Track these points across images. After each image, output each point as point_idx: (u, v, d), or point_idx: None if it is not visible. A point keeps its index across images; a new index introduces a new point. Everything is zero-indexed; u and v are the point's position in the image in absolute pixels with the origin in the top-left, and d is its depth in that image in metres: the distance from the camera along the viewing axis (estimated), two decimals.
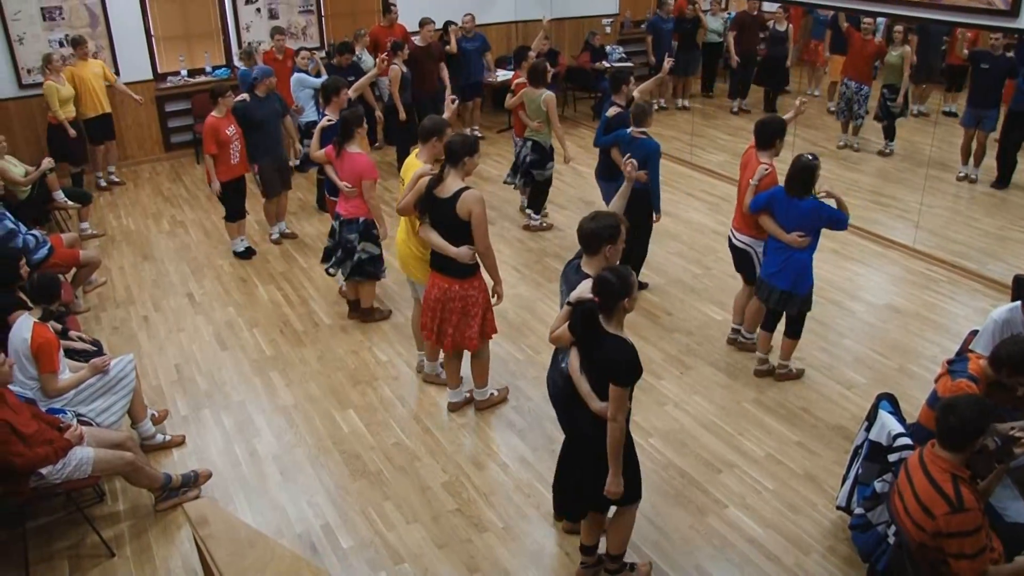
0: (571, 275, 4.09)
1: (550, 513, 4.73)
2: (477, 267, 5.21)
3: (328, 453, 5.30)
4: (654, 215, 6.79)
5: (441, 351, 5.76)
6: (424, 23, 10.06)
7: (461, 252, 5.06)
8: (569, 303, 3.84)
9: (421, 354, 6.05)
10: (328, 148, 6.47)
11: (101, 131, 9.56)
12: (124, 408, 4.99)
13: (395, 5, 10.88)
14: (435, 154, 5.48)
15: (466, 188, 5.01)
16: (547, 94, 7.95)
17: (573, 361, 3.83)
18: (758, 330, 6.06)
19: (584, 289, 3.81)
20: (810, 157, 5.42)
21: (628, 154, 6.53)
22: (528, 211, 8.65)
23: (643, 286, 7.13)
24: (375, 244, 6.47)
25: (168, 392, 5.97)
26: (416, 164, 5.43)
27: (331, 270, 6.65)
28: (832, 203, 5.48)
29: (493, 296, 5.36)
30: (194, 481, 4.90)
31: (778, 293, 5.63)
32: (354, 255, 6.42)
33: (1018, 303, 4.52)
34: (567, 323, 3.83)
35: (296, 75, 8.98)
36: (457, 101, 6.40)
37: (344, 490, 4.98)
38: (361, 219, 6.37)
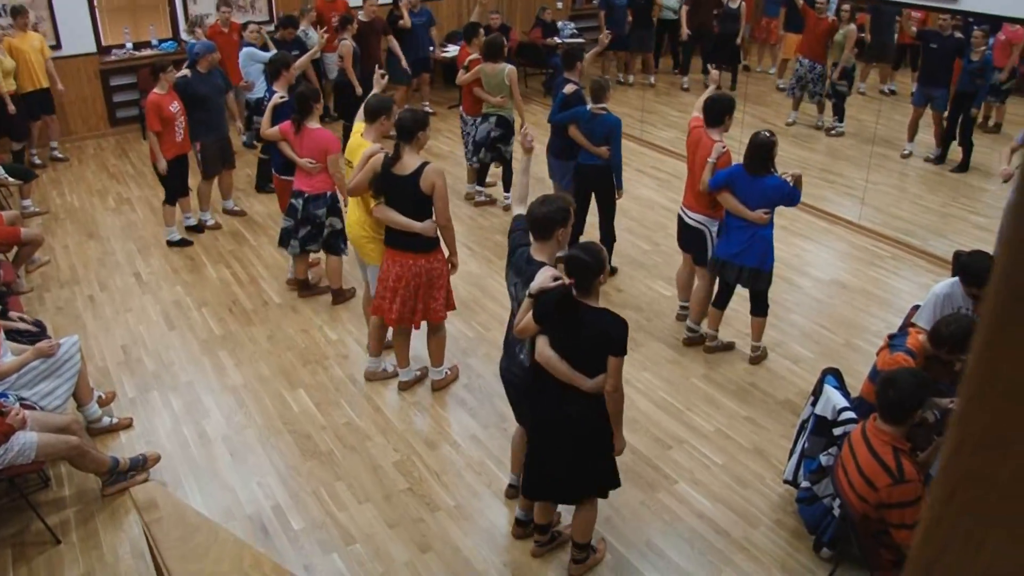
0: (523, 266, 3.99)
1: (502, 491, 4.76)
2: (438, 239, 5.20)
3: (278, 434, 5.27)
4: (617, 191, 6.79)
5: (388, 332, 5.74)
6: None
7: (426, 226, 5.05)
8: (530, 294, 3.77)
9: (372, 360, 5.85)
10: (284, 125, 6.35)
11: (40, 106, 9.28)
12: (69, 391, 4.90)
13: None
14: (383, 133, 5.45)
15: (427, 163, 4.99)
16: (510, 68, 7.88)
17: (544, 350, 3.75)
18: (710, 308, 6.08)
19: (545, 278, 3.74)
20: (767, 134, 5.46)
21: (604, 134, 6.56)
22: (479, 188, 8.60)
23: (613, 271, 7.12)
24: (340, 218, 6.40)
25: (115, 374, 5.88)
26: (362, 144, 5.37)
27: (303, 249, 6.48)
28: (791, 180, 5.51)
29: (450, 268, 5.36)
30: (142, 464, 4.84)
31: (747, 271, 5.65)
32: (323, 230, 6.35)
33: (956, 279, 4.62)
34: (531, 313, 3.78)
35: (245, 49, 8.79)
36: (387, 76, 6.27)
37: (295, 471, 4.95)
38: (328, 193, 6.30)
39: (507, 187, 8.50)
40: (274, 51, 8.30)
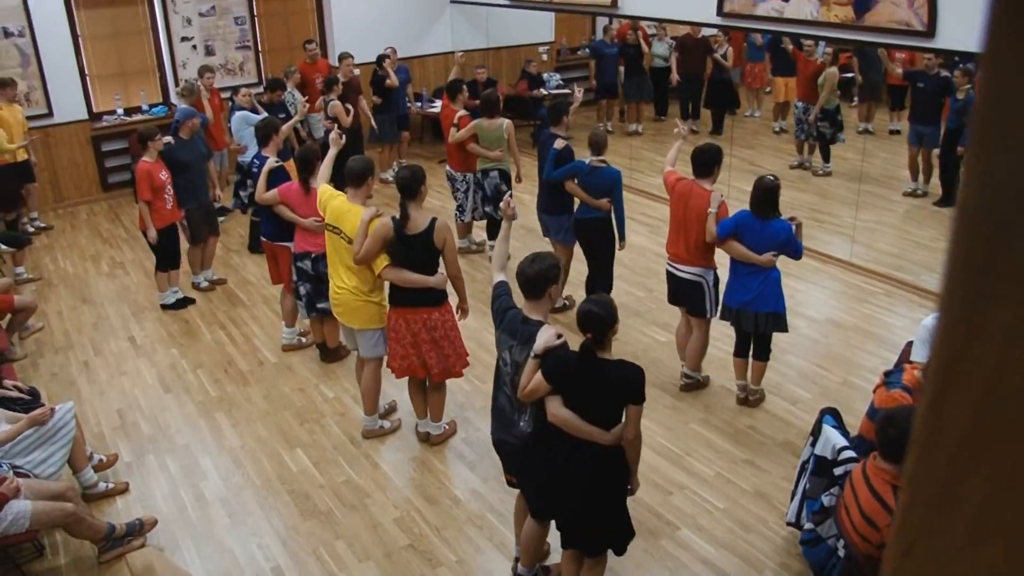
0: (519, 327, 3.94)
1: (503, 545, 4.71)
2: (447, 292, 5.23)
3: (277, 494, 5.23)
4: (619, 243, 6.81)
5: (382, 403, 5.77)
6: (343, 58, 10.05)
7: (439, 279, 5.10)
8: (536, 355, 3.74)
9: (367, 419, 5.82)
10: (283, 188, 6.33)
11: (25, 175, 9.30)
12: (64, 458, 4.86)
13: (313, 41, 10.85)
14: (368, 193, 5.46)
15: (435, 218, 5.04)
16: (507, 122, 7.97)
17: (559, 410, 3.71)
18: (734, 360, 5.99)
19: (548, 337, 3.73)
20: (771, 178, 5.52)
21: (605, 187, 6.56)
22: (492, 243, 8.64)
23: None
24: None
25: (110, 438, 5.84)
26: (351, 209, 5.28)
27: (321, 304, 6.38)
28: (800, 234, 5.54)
29: (458, 312, 5.37)
30: (139, 529, 4.78)
31: (764, 316, 5.62)
32: None
33: None
34: (540, 374, 3.74)
35: (238, 113, 8.82)
36: (343, 138, 6.22)
37: (294, 531, 4.90)
38: None
39: (492, 236, 8.55)
40: (264, 115, 8.36)
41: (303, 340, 6.80)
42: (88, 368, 6.78)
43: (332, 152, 5.89)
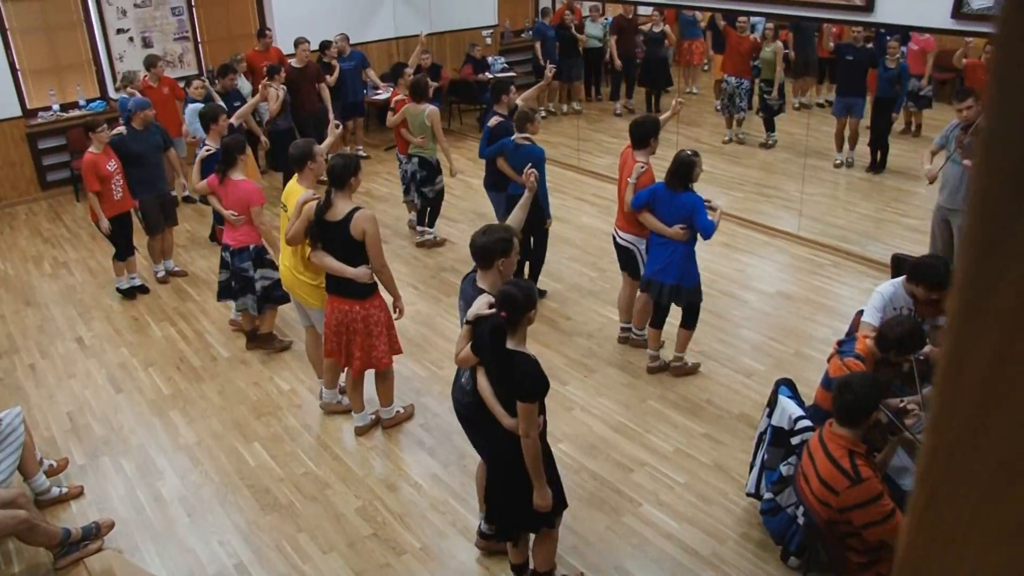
0: (468, 290, 4.05)
1: (467, 529, 4.71)
2: (375, 285, 5.18)
3: (236, 489, 5.17)
4: (546, 220, 6.85)
5: (342, 376, 5.70)
6: (299, 43, 9.91)
7: (359, 272, 5.02)
8: (468, 321, 3.81)
9: (320, 382, 5.91)
10: (210, 178, 6.31)
11: None
12: (14, 464, 4.73)
13: (270, 30, 10.73)
14: (315, 177, 5.45)
15: (357, 208, 4.97)
16: (431, 108, 7.92)
17: (480, 379, 3.79)
18: (647, 328, 6.16)
19: (480, 305, 3.77)
20: (689, 152, 5.58)
21: (527, 163, 6.57)
22: (421, 227, 8.61)
23: (542, 293, 7.19)
24: (272, 269, 6.35)
25: (62, 442, 5.71)
26: (298, 190, 5.35)
27: (239, 305, 6.52)
28: (714, 216, 5.59)
29: (395, 311, 5.33)
30: (96, 533, 4.68)
31: (667, 288, 5.74)
32: (254, 284, 6.31)
33: (900, 279, 4.73)
34: (470, 343, 3.80)
35: (191, 106, 8.61)
36: (341, 127, 6.30)
37: (256, 526, 4.85)
38: (251, 246, 6.26)
39: (431, 223, 8.53)
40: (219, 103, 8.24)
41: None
42: (35, 372, 6.62)
43: (328, 141, 6.02)
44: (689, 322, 5.95)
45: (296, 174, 5.49)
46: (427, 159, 8.13)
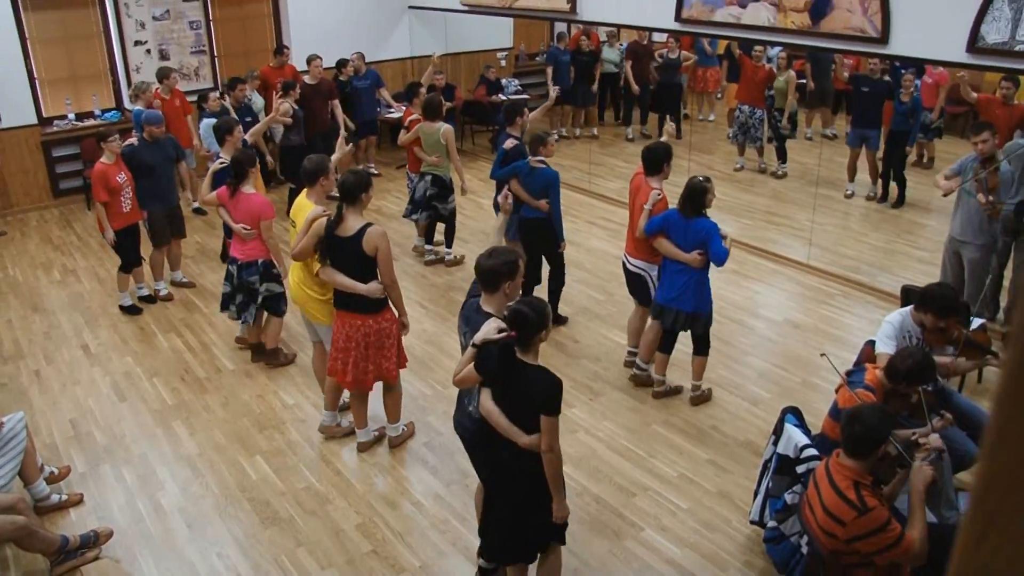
0: (472, 315, 3.97)
1: (468, 549, 4.67)
2: (386, 300, 5.17)
3: (237, 502, 5.14)
4: (560, 243, 6.83)
5: (344, 393, 5.70)
6: (311, 60, 9.97)
7: (371, 288, 5.02)
8: (474, 345, 3.74)
9: (327, 415, 5.78)
10: (220, 190, 6.32)
11: None
12: (14, 470, 4.72)
13: (288, 47, 10.80)
14: (325, 193, 5.45)
15: (369, 224, 4.97)
16: (445, 127, 7.94)
17: (486, 402, 3.74)
18: (656, 353, 6.11)
19: (489, 329, 3.71)
20: (701, 179, 5.58)
21: (542, 186, 6.60)
22: (429, 247, 8.61)
23: (562, 320, 7.16)
24: (278, 283, 6.37)
25: (64, 449, 5.70)
26: (307, 205, 5.35)
27: (241, 318, 6.53)
28: (725, 243, 5.57)
29: (402, 328, 5.33)
30: (94, 541, 4.65)
31: (684, 315, 5.71)
32: (257, 297, 6.32)
33: (908, 308, 4.70)
34: (473, 364, 3.75)
35: (205, 120, 8.65)
36: (352, 145, 6.31)
37: (255, 539, 4.82)
38: (260, 260, 6.27)
39: (448, 243, 8.52)
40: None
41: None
42: (40, 378, 6.62)
43: (337, 156, 6.01)
44: (703, 349, 5.92)
45: (306, 189, 5.49)
46: (441, 177, 8.14)
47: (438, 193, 8.17)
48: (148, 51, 10.75)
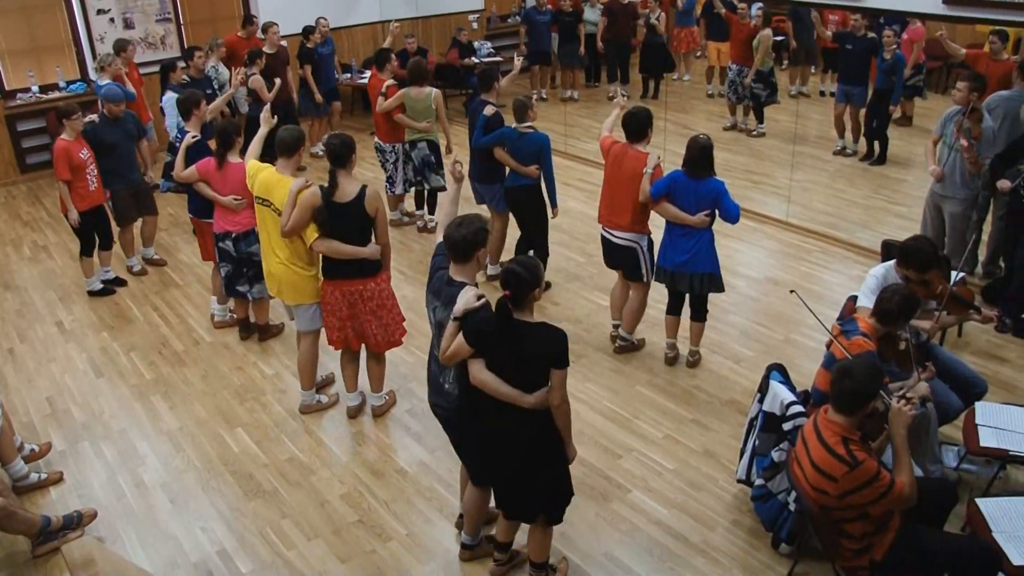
0: (443, 288, 3.87)
1: (454, 515, 4.65)
2: (380, 262, 5.12)
3: (219, 475, 5.08)
4: (551, 210, 6.74)
5: (319, 375, 5.67)
6: (267, 27, 9.65)
7: (374, 250, 4.99)
8: (455, 318, 3.67)
9: (303, 392, 5.68)
10: (201, 164, 6.09)
11: None
12: None
13: (256, 17, 10.51)
14: (297, 165, 5.31)
15: (365, 185, 4.91)
16: (436, 92, 7.78)
17: (478, 373, 3.66)
18: (666, 317, 6.02)
19: (468, 298, 3.66)
20: (704, 136, 5.48)
21: (533, 152, 6.46)
22: (421, 212, 8.51)
23: (547, 286, 7.09)
24: None
25: (41, 427, 5.61)
26: (280, 179, 5.14)
27: (251, 294, 6.26)
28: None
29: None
30: (77, 522, 4.56)
31: (699, 277, 5.62)
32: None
33: (891, 263, 4.69)
34: (460, 337, 3.67)
35: (169, 95, 8.41)
36: (277, 119, 6.06)
37: (239, 512, 4.77)
38: (256, 228, 6.06)
39: (431, 209, 8.42)
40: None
41: (234, 316, 6.59)
42: (13, 356, 6.50)
43: (263, 130, 5.70)
44: (702, 314, 5.86)
45: (279, 162, 5.23)
46: (435, 141, 8.02)
47: (438, 159, 8.04)
48: (112, 20, 10.48)
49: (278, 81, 9.08)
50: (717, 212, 5.52)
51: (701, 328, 5.94)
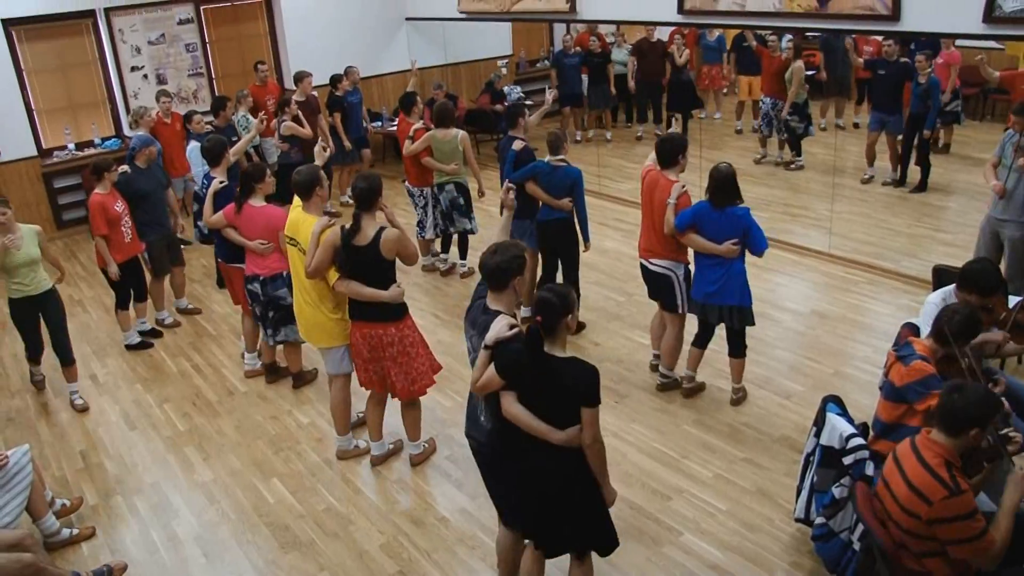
0: (479, 316, 3.78)
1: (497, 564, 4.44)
2: (406, 307, 4.99)
3: (255, 528, 4.93)
4: (583, 244, 6.61)
5: (354, 414, 5.56)
6: (300, 77, 9.71)
7: (394, 293, 4.84)
8: (487, 346, 3.55)
9: (339, 439, 5.57)
10: (227, 209, 6.10)
11: None
12: (21, 506, 4.51)
13: (264, 63, 10.59)
14: (322, 203, 5.23)
15: (383, 228, 4.78)
16: (462, 133, 7.72)
17: (510, 407, 3.53)
18: (690, 348, 5.87)
19: (500, 328, 3.54)
20: (725, 165, 5.34)
21: (565, 186, 6.36)
22: (446, 255, 8.41)
23: (581, 327, 6.92)
24: None
25: (74, 481, 5.50)
26: (305, 219, 5.08)
27: (280, 336, 6.19)
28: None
29: None
30: None
31: (727, 309, 5.46)
32: (292, 309, 5.98)
33: (950, 288, 4.48)
34: (491, 366, 3.55)
35: (192, 143, 8.51)
36: (329, 151, 6.02)
37: (275, 565, 4.61)
38: (284, 272, 5.96)
39: (462, 254, 8.32)
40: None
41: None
42: (47, 411, 6.43)
43: (318, 164, 5.61)
44: (739, 350, 5.66)
45: (301, 203, 5.20)
46: (463, 184, 7.93)
47: (465, 202, 7.94)
48: (145, 76, 10.62)
49: (287, 123, 9.00)
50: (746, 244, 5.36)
51: (741, 364, 5.73)
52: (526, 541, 4.04)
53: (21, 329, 6.32)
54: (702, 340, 5.79)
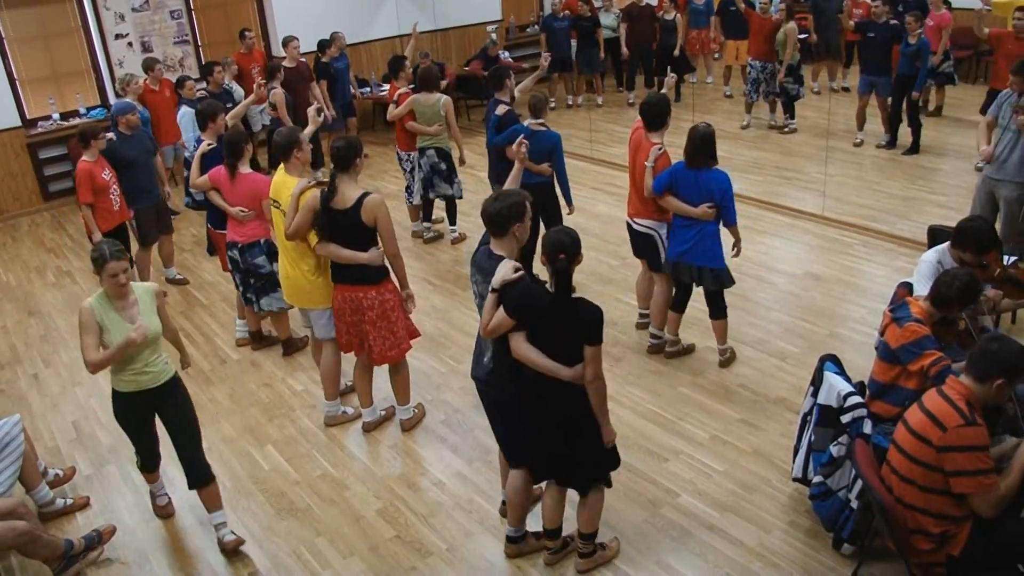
0: (484, 262, 3.85)
1: (496, 528, 4.44)
2: (387, 269, 4.93)
3: (250, 495, 4.90)
4: (567, 207, 6.57)
5: (343, 382, 5.53)
6: (288, 42, 9.54)
7: (372, 255, 4.78)
8: (493, 289, 3.63)
9: (327, 404, 5.53)
10: (214, 172, 6.01)
11: None
12: (13, 475, 4.47)
13: (250, 30, 10.44)
14: (303, 165, 5.16)
15: (366, 193, 4.71)
16: (445, 98, 7.64)
17: (520, 346, 3.63)
18: (668, 312, 5.86)
19: (506, 271, 3.61)
20: (705, 125, 5.30)
21: (545, 150, 6.28)
22: (427, 224, 8.34)
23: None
24: None
25: (67, 451, 5.46)
26: (289, 181, 5.02)
27: (263, 306, 6.14)
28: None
29: (407, 302, 5.07)
30: (97, 541, 4.41)
31: (695, 269, 5.46)
32: (275, 279, 5.92)
33: (944, 246, 4.45)
34: (500, 309, 3.63)
35: (184, 108, 8.39)
36: (323, 114, 5.94)
37: (271, 531, 4.58)
38: (262, 240, 5.96)
39: (451, 220, 8.25)
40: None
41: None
42: (38, 381, 6.38)
43: (309, 129, 5.54)
44: (718, 311, 5.64)
45: (283, 165, 5.15)
46: (444, 149, 7.83)
47: (448, 167, 7.85)
48: (130, 44, 10.46)
49: (277, 93, 8.83)
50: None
51: (722, 325, 5.71)
52: (536, 486, 4.16)
53: (127, 431, 4.57)
54: (680, 302, 5.79)
